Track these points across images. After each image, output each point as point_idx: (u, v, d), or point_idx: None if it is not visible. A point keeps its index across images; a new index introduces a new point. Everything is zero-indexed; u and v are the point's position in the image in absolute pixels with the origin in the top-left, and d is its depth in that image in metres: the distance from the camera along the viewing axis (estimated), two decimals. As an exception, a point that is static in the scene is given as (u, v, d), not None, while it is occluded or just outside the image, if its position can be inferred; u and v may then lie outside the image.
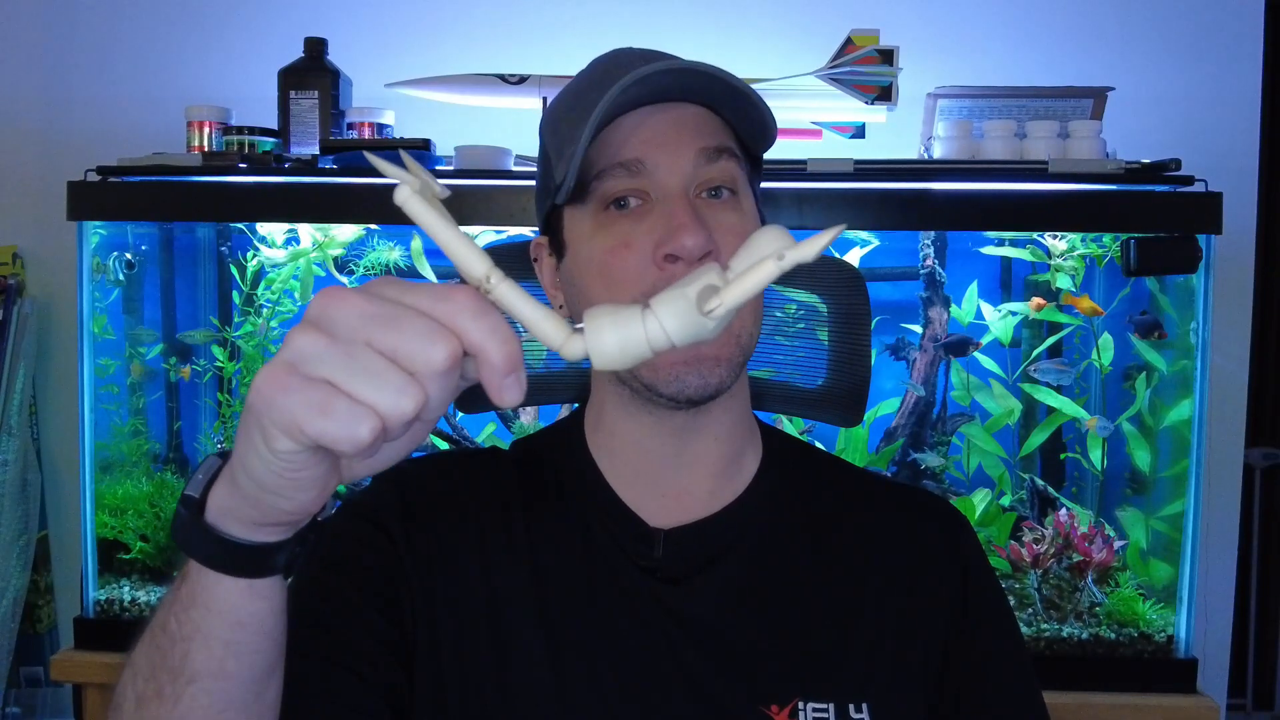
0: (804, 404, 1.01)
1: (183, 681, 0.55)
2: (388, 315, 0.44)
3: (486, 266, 0.47)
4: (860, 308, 0.97)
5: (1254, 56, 1.93)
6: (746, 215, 0.75)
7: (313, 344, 0.44)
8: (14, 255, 2.00)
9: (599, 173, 0.74)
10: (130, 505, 1.79)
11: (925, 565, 0.81)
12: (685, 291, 0.47)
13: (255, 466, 0.47)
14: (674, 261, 0.70)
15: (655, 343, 0.47)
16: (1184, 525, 1.65)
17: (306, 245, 1.86)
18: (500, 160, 1.66)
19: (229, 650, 0.55)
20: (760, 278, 0.46)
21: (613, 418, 0.80)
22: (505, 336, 0.44)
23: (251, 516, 0.51)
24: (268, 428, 0.45)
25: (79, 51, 2.04)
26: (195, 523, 0.53)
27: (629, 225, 0.73)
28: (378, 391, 0.43)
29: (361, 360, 0.43)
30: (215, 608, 0.54)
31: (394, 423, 0.43)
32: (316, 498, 0.50)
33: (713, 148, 0.74)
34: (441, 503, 0.80)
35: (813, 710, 0.73)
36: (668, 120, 0.74)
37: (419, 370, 0.44)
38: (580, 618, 0.76)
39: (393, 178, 0.47)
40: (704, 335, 0.47)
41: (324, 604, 0.73)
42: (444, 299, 0.44)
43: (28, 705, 1.97)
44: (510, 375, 0.45)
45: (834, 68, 1.71)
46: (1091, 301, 1.76)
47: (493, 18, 1.99)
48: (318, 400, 0.43)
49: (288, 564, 0.54)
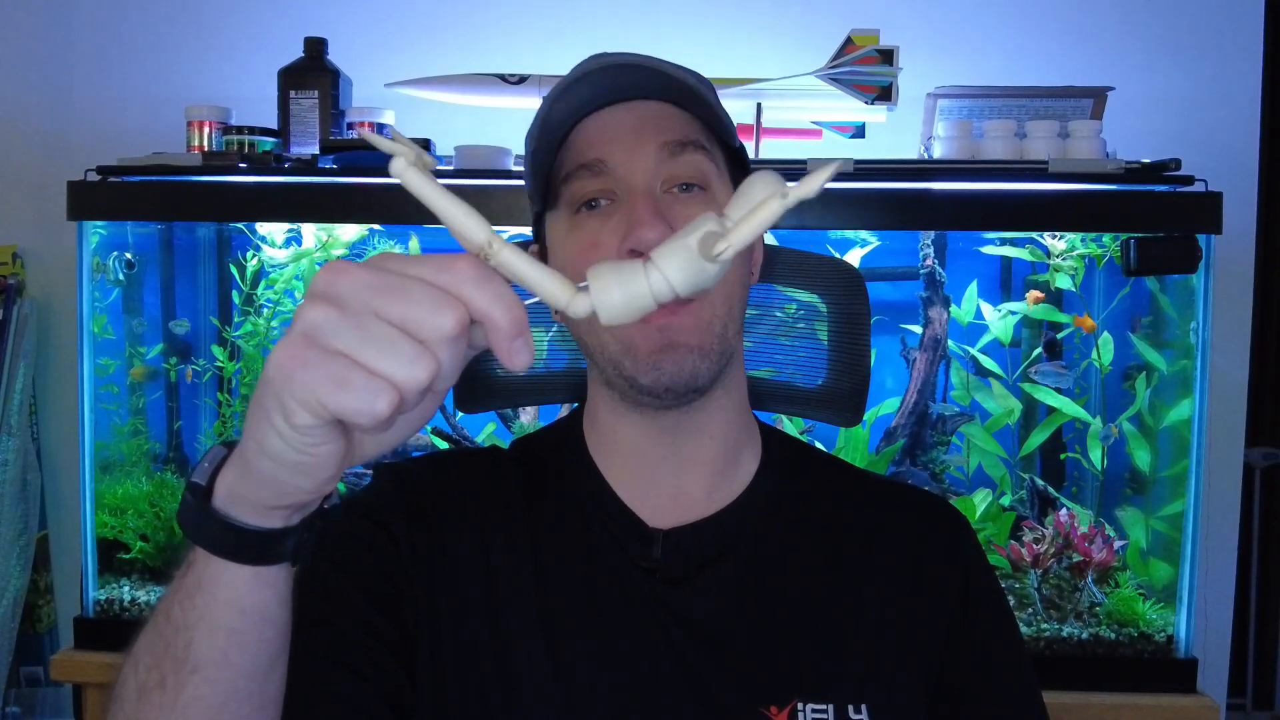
0: (804, 404, 1.01)
1: (186, 671, 0.55)
2: (393, 285, 0.44)
3: (486, 233, 0.47)
4: (860, 308, 0.97)
5: (1254, 56, 1.93)
6: (719, 209, 0.75)
7: (324, 316, 0.44)
8: (14, 255, 2.01)
9: (565, 176, 0.76)
10: (130, 505, 1.79)
11: (925, 565, 0.81)
12: (686, 241, 0.48)
13: (274, 444, 0.47)
14: (637, 256, 0.71)
15: (659, 293, 0.47)
16: (1184, 525, 1.65)
17: (309, 245, 1.86)
18: (500, 160, 1.66)
19: (233, 639, 0.54)
20: (766, 216, 0.47)
21: (607, 419, 0.80)
22: (510, 301, 0.45)
23: (264, 500, 0.51)
24: (288, 403, 0.45)
25: (79, 51, 2.04)
26: (203, 509, 0.53)
27: (597, 225, 0.74)
28: (392, 361, 0.43)
29: (373, 331, 0.44)
30: (221, 595, 0.54)
31: (409, 392, 0.44)
32: (334, 476, 0.50)
33: (675, 141, 0.74)
34: (442, 502, 0.80)
35: (811, 711, 0.73)
36: (628, 118, 0.75)
37: (429, 338, 0.44)
38: (580, 618, 0.76)
39: (387, 150, 0.48)
40: (707, 283, 0.48)
41: (325, 603, 0.73)
42: (446, 268, 0.45)
43: (27, 705, 1.97)
44: (518, 338, 0.45)
45: (834, 68, 1.71)
46: (1092, 320, 1.77)
47: (492, 18, 1.99)
48: (337, 373, 0.44)
49: (295, 550, 0.54)
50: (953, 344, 1.85)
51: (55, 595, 2.04)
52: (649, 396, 0.74)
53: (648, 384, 0.73)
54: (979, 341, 1.86)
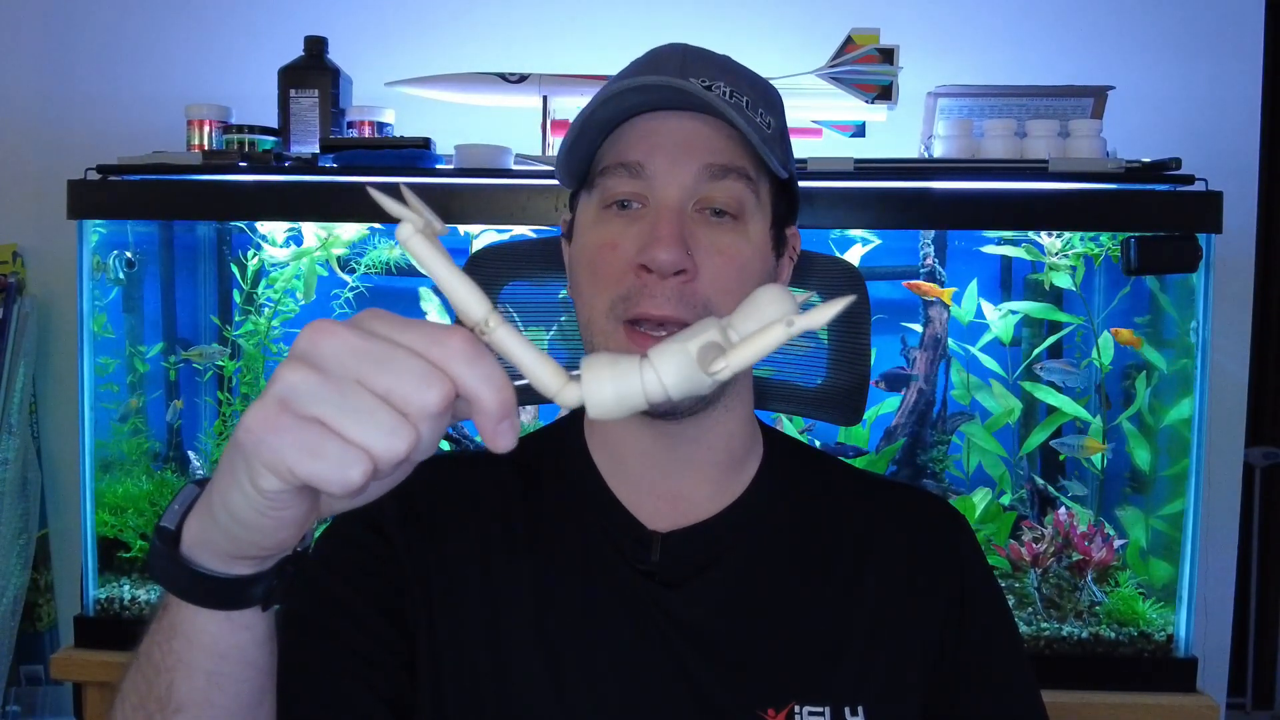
0: (804, 403, 1.01)
1: (170, 711, 0.54)
2: (380, 354, 0.43)
3: (485, 310, 0.46)
4: (860, 307, 0.97)
5: (1254, 56, 1.93)
6: (748, 240, 0.74)
7: (304, 380, 0.43)
8: (14, 254, 2.00)
9: (604, 168, 0.75)
10: (130, 504, 1.79)
11: (923, 566, 0.80)
12: (685, 346, 0.47)
13: (236, 502, 0.46)
14: (648, 272, 0.71)
15: (652, 395, 0.47)
16: (1184, 524, 1.65)
17: (309, 244, 1.86)
18: (500, 159, 1.66)
19: (212, 681, 0.54)
20: (768, 343, 0.46)
21: (606, 422, 0.80)
22: (499, 383, 0.44)
23: (225, 549, 0.50)
24: (255, 466, 0.44)
25: (79, 50, 2.04)
26: (170, 555, 0.52)
27: (621, 226, 0.73)
28: (371, 433, 0.42)
29: (354, 400, 0.43)
30: (196, 640, 0.53)
31: (385, 463, 0.43)
32: (293, 535, 0.49)
33: (719, 165, 0.73)
34: (441, 506, 0.80)
35: (808, 714, 0.73)
36: (679, 129, 0.74)
37: (411, 412, 0.43)
38: (577, 620, 0.76)
39: (396, 215, 0.47)
40: (700, 390, 0.47)
41: (326, 610, 0.73)
42: (439, 341, 0.44)
43: (28, 703, 1.97)
44: (504, 421, 0.44)
45: (834, 67, 1.71)
46: (1131, 334, 1.77)
47: (493, 17, 1.99)
48: (310, 441, 0.42)
49: (265, 596, 0.53)
50: (953, 343, 1.85)
51: (55, 594, 2.04)
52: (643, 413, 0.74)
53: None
54: (979, 340, 1.86)
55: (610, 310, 0.72)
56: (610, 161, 0.74)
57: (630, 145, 0.74)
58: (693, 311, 0.70)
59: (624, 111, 0.74)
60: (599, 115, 0.74)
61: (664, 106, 0.74)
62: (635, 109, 0.74)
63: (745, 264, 0.74)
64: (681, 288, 0.71)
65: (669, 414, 0.73)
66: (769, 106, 0.77)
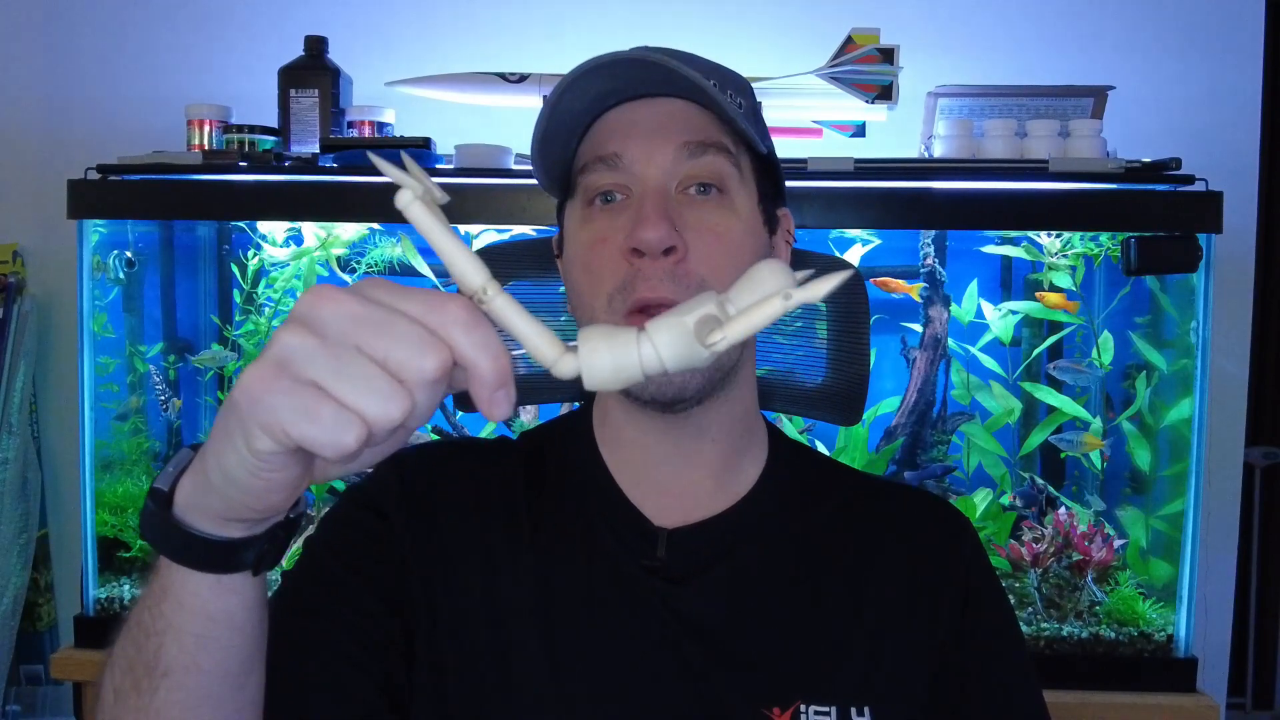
0: (803, 403, 1.01)
1: (157, 675, 0.55)
2: (379, 320, 0.43)
3: (484, 278, 0.46)
4: (859, 307, 0.97)
5: (1254, 56, 1.93)
6: (736, 214, 0.74)
7: (302, 343, 0.43)
8: (14, 253, 2.00)
9: (583, 167, 0.75)
10: (130, 503, 1.79)
11: (927, 567, 0.80)
12: (683, 319, 0.47)
13: (230, 463, 0.46)
14: (639, 256, 0.70)
15: (649, 366, 0.47)
16: (1184, 524, 1.65)
17: (309, 244, 1.86)
18: (500, 159, 1.66)
19: (201, 645, 0.54)
20: (765, 315, 0.46)
21: (614, 415, 0.81)
22: (496, 351, 0.44)
23: (218, 511, 0.50)
24: (251, 427, 0.44)
25: (80, 51, 2.04)
26: (162, 516, 0.52)
27: (608, 220, 0.73)
28: (366, 398, 0.42)
29: (351, 365, 0.43)
30: (186, 603, 0.53)
31: (379, 429, 0.43)
32: (286, 498, 0.49)
33: (696, 142, 0.73)
34: (445, 493, 0.80)
35: (814, 713, 0.73)
36: (650, 114, 0.74)
37: (408, 379, 0.43)
38: (582, 615, 0.76)
39: (395, 180, 0.47)
40: (697, 363, 0.47)
41: (322, 591, 0.74)
42: (437, 308, 0.44)
43: (28, 703, 1.97)
44: (500, 389, 0.44)
45: (834, 66, 1.71)
46: (1063, 298, 1.77)
47: (493, 17, 1.99)
48: (305, 404, 0.43)
49: (257, 561, 0.53)
50: (953, 343, 1.85)
51: (55, 593, 2.04)
52: (637, 402, 0.74)
53: (634, 391, 0.73)
54: (979, 341, 1.86)
55: (609, 304, 0.72)
56: (588, 158, 0.75)
57: (605, 139, 0.74)
58: (688, 291, 0.70)
59: (594, 105, 0.74)
60: (566, 103, 0.73)
61: (633, 94, 0.74)
62: (604, 97, 0.74)
63: (736, 239, 0.73)
64: (674, 268, 0.71)
65: (675, 402, 0.73)
66: (738, 89, 0.78)
